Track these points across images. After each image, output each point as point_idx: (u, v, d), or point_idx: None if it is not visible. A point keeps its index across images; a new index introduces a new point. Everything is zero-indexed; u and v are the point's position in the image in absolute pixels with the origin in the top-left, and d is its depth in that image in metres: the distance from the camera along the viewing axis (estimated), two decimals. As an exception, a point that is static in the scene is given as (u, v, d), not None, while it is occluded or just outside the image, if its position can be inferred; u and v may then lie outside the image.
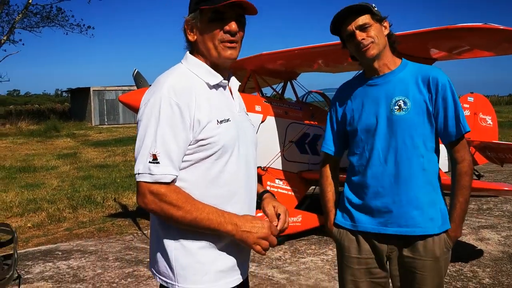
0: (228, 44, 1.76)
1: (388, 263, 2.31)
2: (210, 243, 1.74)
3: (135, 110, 6.10)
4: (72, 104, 39.26)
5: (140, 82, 6.50)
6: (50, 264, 5.23)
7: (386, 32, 2.25)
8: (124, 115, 31.05)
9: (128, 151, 15.96)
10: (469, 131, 2.22)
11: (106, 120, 30.91)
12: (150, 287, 4.51)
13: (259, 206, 2.00)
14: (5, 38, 27.65)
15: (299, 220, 5.93)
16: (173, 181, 1.67)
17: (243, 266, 1.86)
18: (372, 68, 2.28)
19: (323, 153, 2.52)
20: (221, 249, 1.76)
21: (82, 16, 67.40)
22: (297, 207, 6.15)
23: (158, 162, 1.63)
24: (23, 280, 4.50)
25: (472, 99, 8.85)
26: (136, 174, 1.66)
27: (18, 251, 4.15)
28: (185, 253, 1.73)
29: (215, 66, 1.81)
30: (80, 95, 33.46)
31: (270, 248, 1.77)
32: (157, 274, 1.82)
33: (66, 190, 9.54)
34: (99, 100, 30.81)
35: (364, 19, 2.18)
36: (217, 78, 1.80)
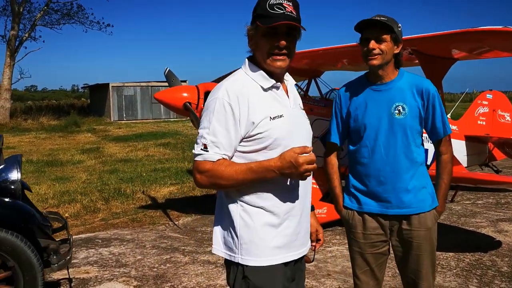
0: (277, 57, 2.05)
1: (390, 235, 2.75)
2: (270, 222, 2.05)
3: (169, 107, 6.42)
4: (91, 99, 39.83)
5: (172, 80, 6.79)
6: (93, 250, 5.62)
7: (396, 51, 2.64)
8: (142, 111, 31.51)
9: (149, 146, 16.36)
10: (451, 133, 2.69)
11: (124, 115, 31.32)
12: (188, 272, 4.86)
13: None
14: (26, 35, 28.29)
15: (324, 212, 6.23)
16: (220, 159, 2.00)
17: (299, 244, 2.16)
18: (377, 74, 2.69)
19: (329, 143, 2.90)
20: (279, 228, 2.07)
21: (102, 13, 68.50)
22: (322, 199, 6.45)
23: (207, 150, 1.98)
24: (70, 265, 4.86)
25: (491, 96, 9.05)
26: (193, 154, 2.03)
27: (61, 238, 4.48)
28: (248, 230, 2.04)
29: (269, 71, 2.11)
30: (99, 91, 33.92)
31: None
32: (223, 250, 2.12)
33: (96, 183, 9.95)
34: (118, 96, 31.23)
35: (384, 33, 2.57)
36: (269, 82, 2.09)
